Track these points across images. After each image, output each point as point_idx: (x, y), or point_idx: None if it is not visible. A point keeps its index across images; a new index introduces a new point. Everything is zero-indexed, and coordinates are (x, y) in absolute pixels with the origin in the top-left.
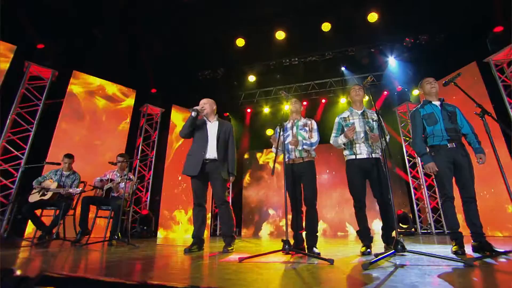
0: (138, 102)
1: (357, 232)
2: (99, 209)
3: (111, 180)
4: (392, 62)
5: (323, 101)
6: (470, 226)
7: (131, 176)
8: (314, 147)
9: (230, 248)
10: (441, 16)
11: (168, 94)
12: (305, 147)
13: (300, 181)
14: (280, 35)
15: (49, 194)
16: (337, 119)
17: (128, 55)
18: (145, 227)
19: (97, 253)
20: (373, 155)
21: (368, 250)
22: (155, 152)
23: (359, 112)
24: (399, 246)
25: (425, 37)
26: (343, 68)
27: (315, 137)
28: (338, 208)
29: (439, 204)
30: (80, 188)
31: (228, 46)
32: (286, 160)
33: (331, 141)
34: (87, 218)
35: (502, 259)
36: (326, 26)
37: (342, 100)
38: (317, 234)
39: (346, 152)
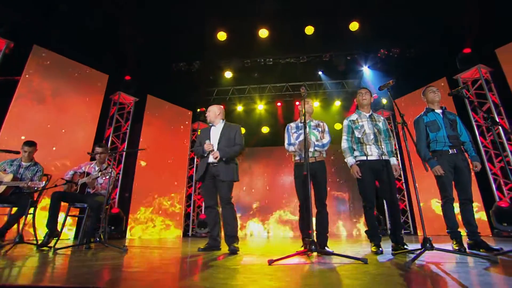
0: (109, 88)
1: (366, 231)
2: (71, 207)
3: (88, 173)
4: (367, 71)
5: (297, 103)
6: (466, 225)
7: (110, 170)
8: (325, 148)
9: (236, 245)
10: (415, 33)
11: (143, 83)
12: (317, 148)
13: (310, 181)
14: (263, 33)
15: (1, 188)
16: (346, 122)
17: (100, 35)
18: (112, 227)
19: (96, 260)
20: (383, 157)
21: (380, 249)
22: (126, 145)
23: (367, 115)
24: (427, 244)
25: (397, 51)
26: (320, 73)
27: (326, 138)
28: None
29: (441, 205)
30: (44, 182)
31: (208, 39)
32: (298, 159)
33: (343, 144)
34: (57, 217)
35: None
36: (309, 30)
37: (315, 104)
38: (328, 234)
39: (356, 153)
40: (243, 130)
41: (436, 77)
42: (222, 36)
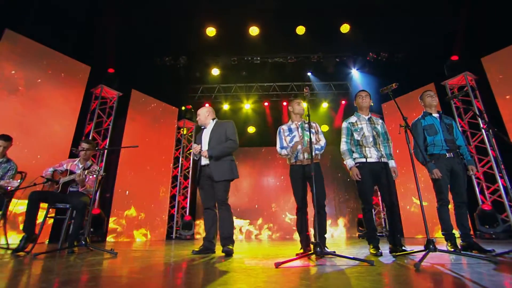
0: (91, 81)
1: (365, 234)
2: (50, 208)
3: (71, 172)
4: (355, 74)
5: (285, 103)
6: (460, 228)
7: (97, 168)
8: (323, 151)
9: (230, 247)
10: (404, 38)
11: (128, 77)
12: (316, 152)
13: (306, 182)
14: (253, 31)
15: None
16: (345, 124)
17: (83, 24)
18: (91, 229)
19: (87, 266)
20: (382, 160)
21: (380, 251)
22: (108, 142)
23: (366, 117)
24: (431, 246)
25: (386, 55)
26: (309, 73)
27: (323, 140)
28: (289, 213)
29: (436, 208)
30: (18, 181)
31: (196, 34)
32: (294, 161)
33: (342, 146)
34: (36, 219)
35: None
36: (300, 29)
37: (303, 105)
38: (326, 235)
39: (355, 155)
40: None
41: (424, 83)
42: (211, 32)
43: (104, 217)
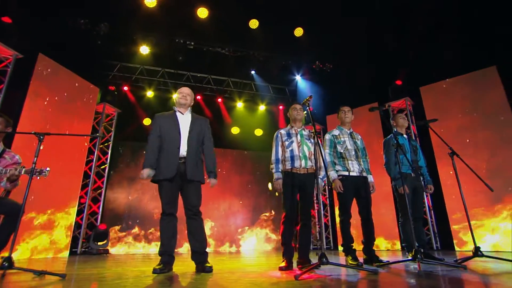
0: None
1: (342, 245)
2: None
3: None
4: (299, 79)
5: (219, 100)
6: (417, 240)
7: (17, 157)
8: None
9: (208, 265)
10: (352, 53)
11: (34, 35)
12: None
13: (297, 192)
14: (202, 12)
15: None
16: (328, 136)
17: None
18: None
19: None
20: (363, 174)
21: (360, 262)
22: None
23: (348, 132)
24: (418, 256)
25: (331, 66)
26: (252, 72)
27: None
28: (229, 220)
29: (400, 222)
30: None
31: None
32: (289, 168)
33: (327, 157)
34: None
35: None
36: (253, 23)
37: (239, 105)
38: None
39: (338, 167)
40: (149, 121)
41: (369, 101)
42: (151, 3)
43: None
